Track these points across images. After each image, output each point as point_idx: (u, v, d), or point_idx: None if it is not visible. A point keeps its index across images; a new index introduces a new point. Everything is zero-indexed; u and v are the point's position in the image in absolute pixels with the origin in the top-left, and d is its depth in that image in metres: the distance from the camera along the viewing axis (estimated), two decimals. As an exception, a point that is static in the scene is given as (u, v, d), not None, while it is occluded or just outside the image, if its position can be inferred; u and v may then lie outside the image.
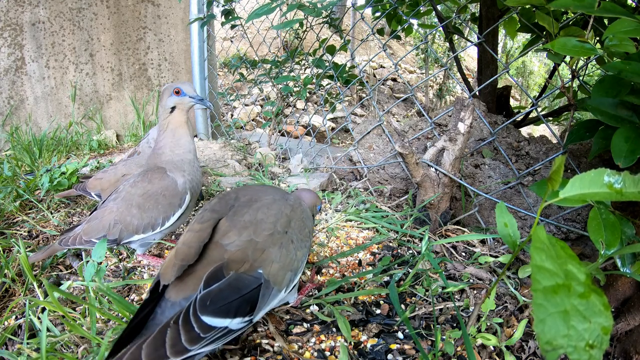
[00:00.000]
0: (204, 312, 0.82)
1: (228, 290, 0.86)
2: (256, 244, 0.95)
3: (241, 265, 0.91)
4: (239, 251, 0.93)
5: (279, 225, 1.02)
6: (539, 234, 0.62)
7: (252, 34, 3.78)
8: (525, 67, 12.16)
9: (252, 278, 0.90)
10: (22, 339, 1.05)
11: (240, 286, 0.88)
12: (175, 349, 0.78)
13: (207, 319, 0.82)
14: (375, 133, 2.43)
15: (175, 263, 0.91)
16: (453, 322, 1.18)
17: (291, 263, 1.00)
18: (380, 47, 2.13)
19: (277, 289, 0.95)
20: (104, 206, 1.37)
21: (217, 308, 0.83)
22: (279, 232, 1.00)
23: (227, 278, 0.88)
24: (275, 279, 0.94)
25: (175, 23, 3.65)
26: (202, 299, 0.84)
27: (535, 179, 1.87)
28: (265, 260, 0.94)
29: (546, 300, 0.53)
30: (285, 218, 1.04)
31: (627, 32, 1.03)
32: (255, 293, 0.89)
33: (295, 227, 1.06)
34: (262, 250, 0.95)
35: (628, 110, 1.09)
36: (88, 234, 1.31)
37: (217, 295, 0.85)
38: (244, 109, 6.59)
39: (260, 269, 0.92)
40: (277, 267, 0.95)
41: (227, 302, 0.85)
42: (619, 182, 0.67)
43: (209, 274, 0.88)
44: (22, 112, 3.34)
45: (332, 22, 2.53)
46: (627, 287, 1.11)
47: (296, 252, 1.02)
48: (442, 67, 6.84)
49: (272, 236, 0.98)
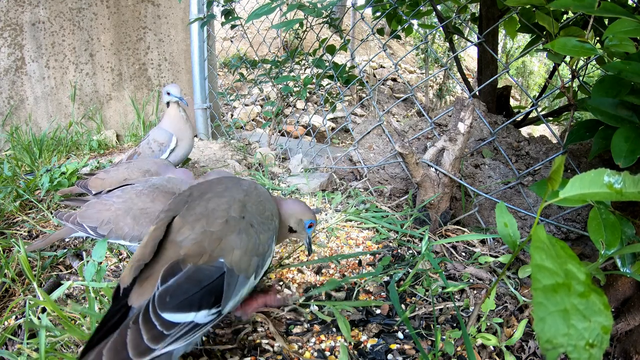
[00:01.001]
0: (164, 309, 0.79)
1: (187, 283, 0.83)
2: (211, 234, 0.91)
3: (199, 258, 0.87)
4: (195, 244, 0.90)
5: (233, 211, 0.97)
6: (539, 234, 0.62)
7: (252, 34, 3.78)
8: (525, 67, 12.16)
9: (213, 268, 0.87)
10: (22, 339, 1.05)
11: (201, 278, 0.84)
12: (139, 350, 0.75)
13: (169, 315, 0.79)
14: (375, 133, 2.43)
15: (132, 265, 0.88)
16: (453, 322, 1.18)
17: (255, 247, 0.96)
18: (380, 47, 2.13)
19: (244, 276, 0.92)
20: (107, 197, 1.40)
21: (178, 303, 0.80)
22: (234, 218, 0.96)
23: (184, 271, 0.85)
24: (239, 266, 0.90)
25: (175, 23, 3.65)
26: (160, 296, 0.81)
27: (535, 179, 1.87)
28: (225, 249, 0.90)
29: (546, 299, 0.53)
30: (238, 204, 1.00)
31: (627, 32, 1.03)
32: (219, 283, 0.86)
33: (254, 211, 1.01)
34: (220, 239, 0.91)
35: (628, 110, 1.09)
36: (83, 218, 1.35)
37: (176, 290, 0.81)
38: (244, 109, 6.59)
39: (222, 258, 0.89)
40: (239, 253, 0.91)
41: (188, 295, 0.81)
42: (619, 182, 0.67)
43: (165, 270, 0.85)
44: (22, 112, 3.34)
45: (332, 22, 2.53)
46: (627, 287, 1.11)
47: (259, 235, 0.98)
48: (442, 67, 6.84)
49: (228, 223, 0.94)
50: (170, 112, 2.11)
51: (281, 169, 2.69)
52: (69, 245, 1.61)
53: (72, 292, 1.31)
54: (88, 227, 1.33)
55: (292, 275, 1.40)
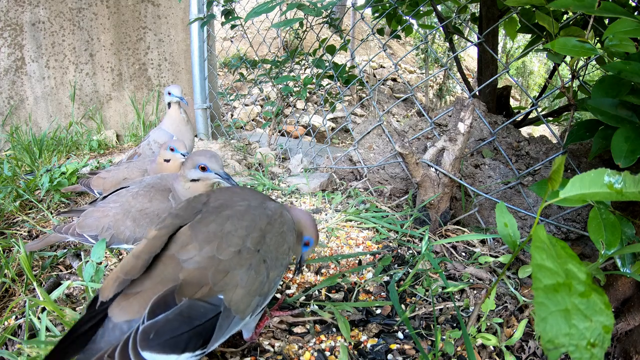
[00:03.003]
0: (145, 347, 0.70)
1: (177, 321, 0.73)
2: (219, 262, 0.81)
3: (198, 290, 0.77)
4: (197, 270, 0.79)
5: (250, 242, 0.86)
6: (539, 234, 0.62)
7: (252, 34, 3.78)
8: (525, 67, 12.16)
9: (209, 306, 0.77)
10: (22, 339, 1.05)
11: (193, 316, 0.75)
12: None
13: (149, 355, 0.70)
14: (375, 133, 2.43)
15: (118, 277, 0.78)
16: (453, 322, 1.18)
17: (260, 287, 0.85)
18: (380, 47, 2.13)
19: (240, 317, 0.82)
20: (103, 204, 1.38)
21: (161, 342, 0.71)
22: (248, 249, 0.85)
23: (178, 306, 0.75)
24: (237, 307, 0.80)
25: (175, 23, 3.65)
26: (144, 331, 0.72)
27: (535, 179, 1.87)
28: (228, 284, 0.80)
29: (547, 299, 0.53)
30: (258, 232, 0.88)
31: (627, 32, 1.03)
32: (211, 324, 0.76)
33: (271, 244, 0.90)
34: (226, 272, 0.80)
35: (628, 110, 1.09)
36: (82, 227, 1.34)
37: (163, 327, 0.72)
38: (244, 109, 6.59)
39: (221, 295, 0.78)
40: (242, 292, 0.81)
41: (175, 335, 0.73)
42: (619, 182, 0.67)
43: (157, 300, 0.75)
44: (22, 112, 3.34)
45: (332, 22, 2.53)
46: (627, 287, 1.11)
47: (268, 273, 0.87)
48: (442, 67, 6.84)
49: (240, 254, 0.83)
50: (171, 113, 2.10)
51: (281, 169, 2.69)
52: (69, 245, 1.60)
53: (72, 292, 1.31)
54: (89, 237, 1.32)
55: (292, 276, 1.40)
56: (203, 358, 1.00)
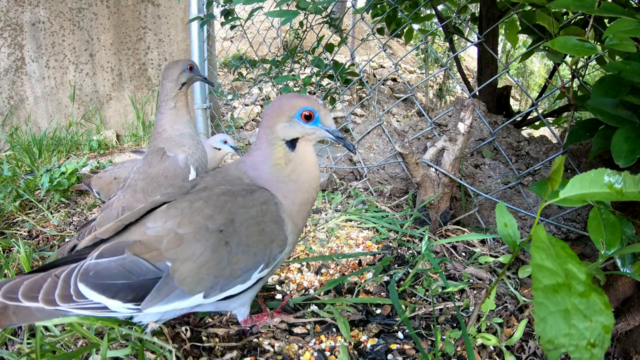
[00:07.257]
0: (82, 281, 0.83)
1: (117, 269, 0.83)
2: (175, 234, 0.86)
3: (148, 252, 0.84)
4: (154, 237, 0.86)
5: (212, 222, 0.87)
6: (539, 234, 0.62)
7: (252, 34, 3.78)
8: (526, 68, 12.15)
9: (151, 267, 0.83)
10: (22, 339, 1.05)
11: (133, 271, 0.83)
12: (47, 298, 0.83)
13: (83, 289, 0.82)
14: (375, 133, 2.43)
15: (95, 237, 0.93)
16: (453, 322, 1.18)
17: (220, 268, 0.86)
18: (380, 47, 2.13)
19: (186, 290, 0.84)
20: (114, 195, 1.39)
21: (97, 282, 0.82)
22: (208, 228, 0.86)
23: (122, 257, 0.84)
24: (184, 279, 0.84)
25: (175, 23, 3.65)
26: (86, 268, 0.84)
27: (535, 179, 1.87)
28: (179, 255, 0.84)
29: (547, 299, 0.53)
30: (225, 214, 0.88)
31: (627, 32, 1.03)
32: (149, 284, 0.83)
33: (241, 229, 0.88)
34: (179, 243, 0.85)
35: (628, 110, 1.09)
36: (101, 224, 1.33)
37: (103, 270, 0.83)
38: (243, 108, 6.59)
39: (169, 262, 0.84)
40: (191, 266, 0.84)
41: (110, 281, 0.82)
42: (619, 182, 0.67)
43: (108, 247, 0.87)
44: (22, 112, 3.34)
45: (332, 22, 2.53)
46: (627, 287, 1.11)
47: (231, 257, 0.87)
48: (442, 67, 6.84)
49: (198, 231, 0.86)
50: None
51: (281, 169, 2.69)
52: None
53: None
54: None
55: (292, 275, 1.40)
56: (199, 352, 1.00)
